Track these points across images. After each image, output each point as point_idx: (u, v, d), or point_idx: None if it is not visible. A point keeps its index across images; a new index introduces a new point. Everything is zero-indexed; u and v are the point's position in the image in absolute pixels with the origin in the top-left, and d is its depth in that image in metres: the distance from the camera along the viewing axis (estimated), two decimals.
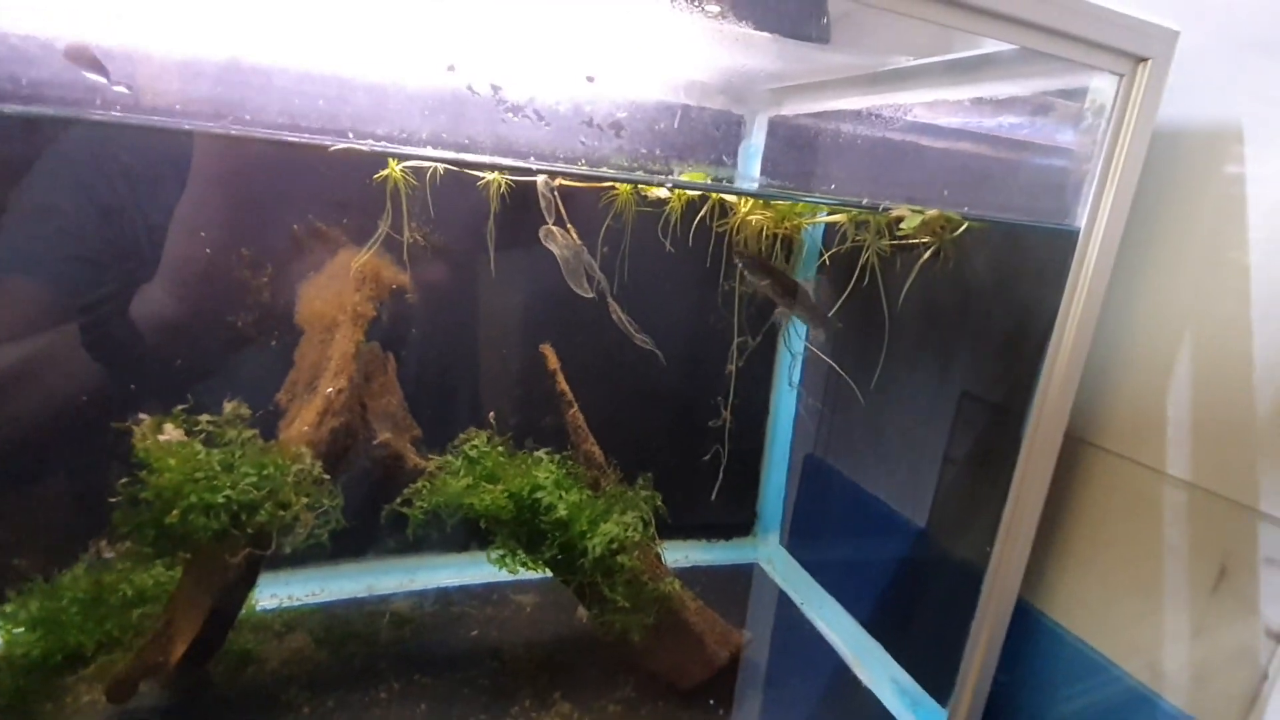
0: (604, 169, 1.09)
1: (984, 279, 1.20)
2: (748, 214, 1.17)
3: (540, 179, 1.34)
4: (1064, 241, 1.01)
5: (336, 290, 1.21)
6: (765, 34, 1.32)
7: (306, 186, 1.28)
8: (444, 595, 1.40)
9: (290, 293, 1.24)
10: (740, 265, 1.14)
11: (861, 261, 1.05)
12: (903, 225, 0.92)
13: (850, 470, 1.55)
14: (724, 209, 1.21)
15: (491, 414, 1.42)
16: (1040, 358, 1.04)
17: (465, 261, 1.35)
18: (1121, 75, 0.95)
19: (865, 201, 0.99)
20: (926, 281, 1.15)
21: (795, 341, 1.50)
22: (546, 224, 1.37)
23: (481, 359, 1.40)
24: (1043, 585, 1.16)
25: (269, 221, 1.27)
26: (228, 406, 1.05)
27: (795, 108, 1.60)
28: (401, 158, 1.12)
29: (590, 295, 1.40)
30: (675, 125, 1.48)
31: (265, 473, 1.02)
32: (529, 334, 1.38)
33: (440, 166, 1.24)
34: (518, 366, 1.38)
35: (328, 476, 1.07)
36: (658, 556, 1.19)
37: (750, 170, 1.62)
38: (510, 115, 1.16)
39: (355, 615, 1.31)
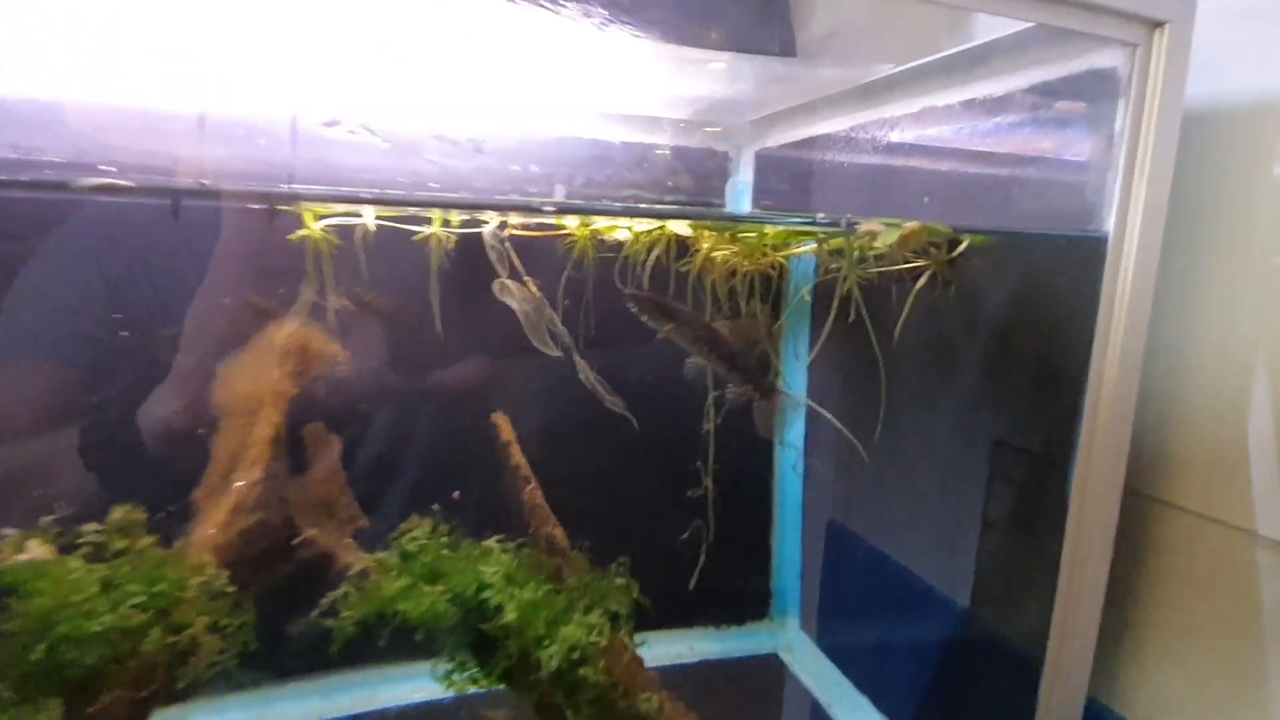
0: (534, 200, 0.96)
1: (998, 303, 1.01)
2: (711, 250, 1.01)
3: (487, 229, 1.22)
4: (1090, 251, 0.83)
5: (260, 368, 1.08)
6: (723, 53, 1.19)
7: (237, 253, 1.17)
8: (405, 714, 1.20)
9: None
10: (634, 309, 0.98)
11: (840, 294, 0.88)
12: (878, 244, 0.76)
13: (875, 537, 1.34)
14: (683, 246, 1.07)
15: (456, 494, 1.26)
16: (1078, 394, 0.84)
17: (409, 325, 1.22)
18: (1135, 45, 0.79)
19: (821, 218, 0.82)
20: (931, 312, 0.97)
21: (792, 390, 1.32)
22: (500, 277, 1.24)
23: (432, 433, 1.24)
24: (1118, 680, 0.93)
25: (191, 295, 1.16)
26: (116, 512, 0.91)
27: (780, 137, 1.47)
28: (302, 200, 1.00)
29: (556, 353, 1.25)
30: (649, 167, 1.36)
31: (156, 590, 0.86)
32: (484, 402, 1.23)
33: (371, 225, 1.13)
34: (472, 440, 1.22)
35: (232, 588, 0.91)
36: (636, 662, 0.99)
37: (740, 208, 1.48)
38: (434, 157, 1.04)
39: None
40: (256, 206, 1.09)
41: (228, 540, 0.94)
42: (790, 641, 1.39)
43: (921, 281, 0.85)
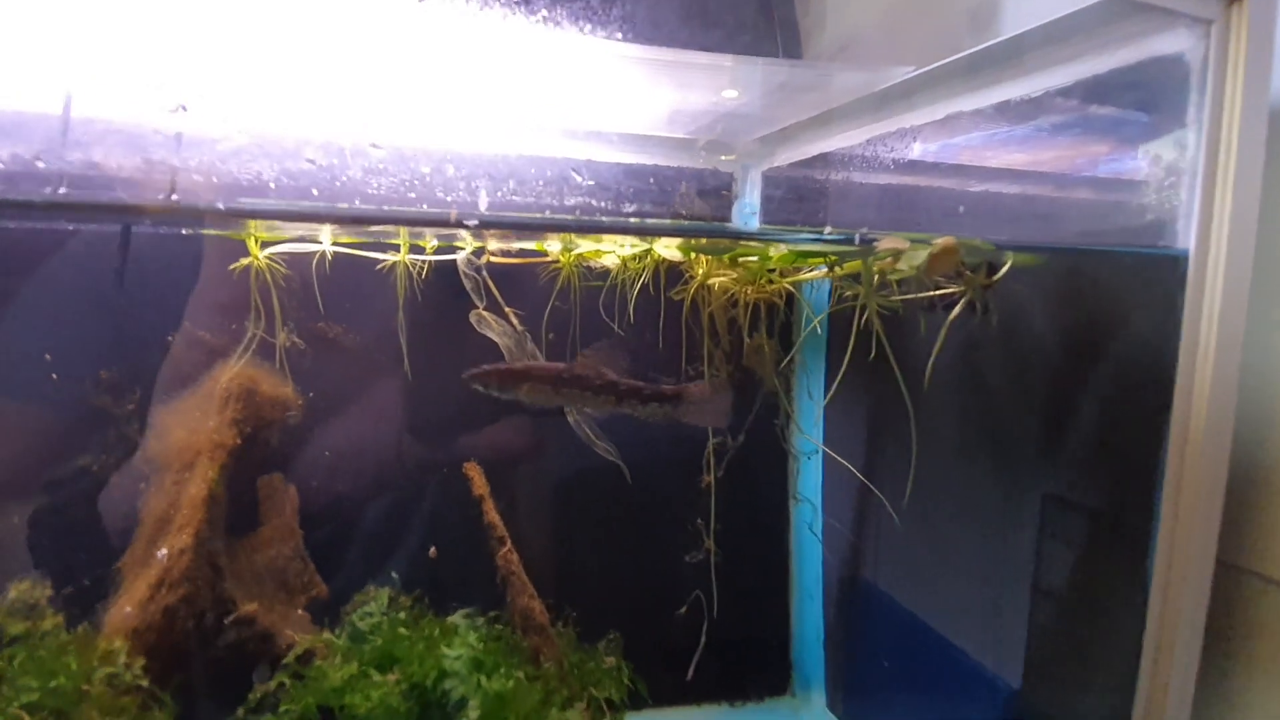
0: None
1: (1048, 334, 0.87)
2: (707, 276, 0.88)
3: (460, 256, 1.10)
4: (1164, 271, 0.69)
5: (199, 415, 0.96)
6: (725, 55, 1.07)
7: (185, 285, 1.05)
8: None
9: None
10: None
11: (857, 325, 0.74)
12: (901, 265, 0.62)
13: (908, 601, 1.17)
14: (678, 273, 0.94)
15: (434, 551, 1.12)
16: (1156, 442, 0.70)
17: (375, 362, 1.09)
18: (1208, 22, 0.65)
19: (829, 233, 0.69)
20: (967, 346, 0.83)
21: (799, 438, 1.17)
22: (477, 308, 1.11)
23: (395, 487, 1.10)
24: None
25: (137, 333, 1.04)
26: (15, 589, 0.78)
27: (790, 154, 1.35)
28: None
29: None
30: (648, 190, 1.24)
31: (53, 684, 0.73)
32: (457, 449, 1.09)
33: (328, 251, 1.01)
34: (444, 493, 1.08)
35: (146, 681, 0.77)
36: None
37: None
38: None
39: None
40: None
41: (146, 621, 0.80)
42: None
43: (956, 310, 0.71)
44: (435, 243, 1.06)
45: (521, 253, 1.12)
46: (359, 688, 0.80)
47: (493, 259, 1.11)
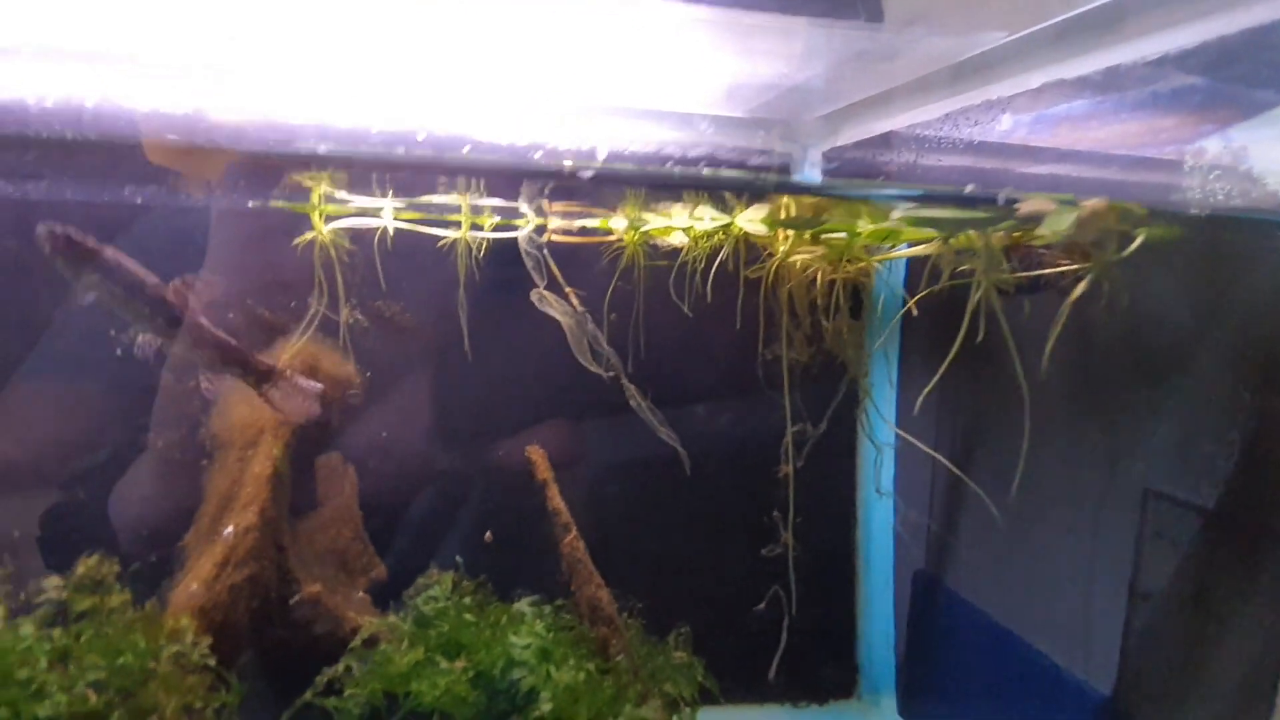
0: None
1: (1168, 315, 0.79)
2: (789, 254, 0.83)
3: (522, 234, 1.06)
4: None
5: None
6: (793, 20, 1.00)
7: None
8: None
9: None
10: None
11: (972, 305, 0.68)
12: (1043, 230, 0.57)
13: (986, 603, 1.10)
14: (754, 252, 0.89)
15: (489, 536, 1.09)
16: None
17: (433, 343, 1.06)
18: None
19: (970, 190, 0.63)
20: (1076, 328, 0.76)
21: (879, 427, 1.11)
22: (538, 287, 1.08)
23: (454, 469, 1.08)
24: None
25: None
26: (83, 565, 0.76)
27: (855, 132, 1.28)
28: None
29: (604, 373, 1.07)
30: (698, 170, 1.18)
31: (120, 663, 0.71)
32: (517, 432, 1.06)
33: (390, 227, 0.98)
34: (498, 477, 1.05)
35: (218, 660, 0.75)
36: None
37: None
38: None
39: None
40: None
41: (213, 599, 0.79)
42: None
43: (1082, 287, 0.64)
44: (495, 219, 1.03)
45: (583, 231, 1.08)
46: (426, 675, 0.77)
47: (554, 237, 1.08)
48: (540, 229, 1.05)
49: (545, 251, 1.07)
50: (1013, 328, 0.82)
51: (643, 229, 0.94)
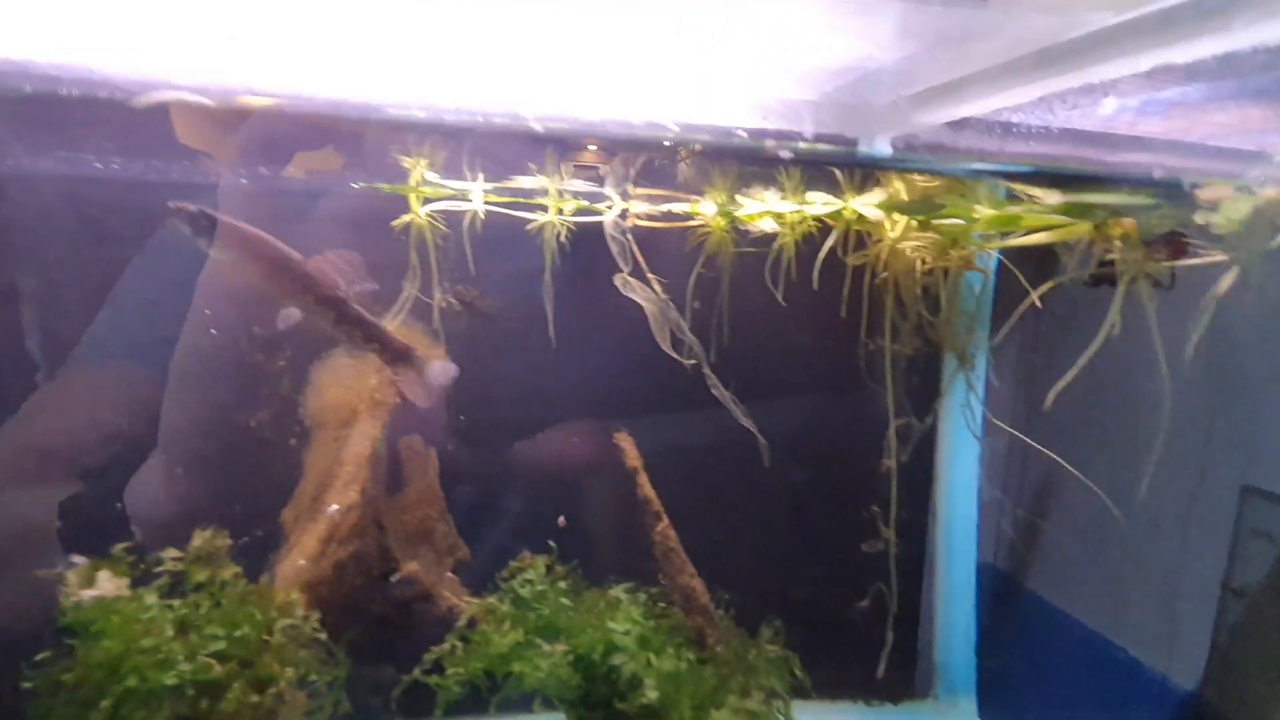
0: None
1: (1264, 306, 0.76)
2: (899, 240, 0.81)
3: (608, 219, 1.05)
4: None
5: (357, 373, 0.95)
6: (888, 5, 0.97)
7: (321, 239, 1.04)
8: None
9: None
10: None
11: (1119, 299, 0.65)
12: (1217, 217, 0.54)
13: (1070, 604, 1.08)
14: (861, 239, 0.87)
15: (563, 521, 1.09)
16: None
17: (517, 327, 1.06)
18: None
19: (1158, 176, 0.60)
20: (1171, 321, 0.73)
21: (972, 423, 1.07)
22: (622, 272, 1.07)
23: (541, 452, 1.08)
24: None
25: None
26: (199, 538, 0.78)
27: (933, 116, 1.24)
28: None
29: (686, 361, 1.06)
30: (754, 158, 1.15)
31: (238, 634, 0.73)
32: (601, 418, 1.06)
33: (480, 210, 0.98)
34: (587, 462, 1.05)
35: (325, 635, 0.77)
36: None
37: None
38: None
39: None
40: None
41: (319, 575, 0.80)
42: None
43: (1226, 283, 0.61)
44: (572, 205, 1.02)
45: (669, 215, 1.07)
46: (527, 656, 0.77)
47: (638, 222, 1.07)
48: (624, 213, 1.04)
49: (629, 236, 1.06)
50: (1096, 321, 0.80)
51: (737, 213, 0.92)
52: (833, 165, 0.89)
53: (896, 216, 0.78)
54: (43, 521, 0.89)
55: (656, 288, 1.07)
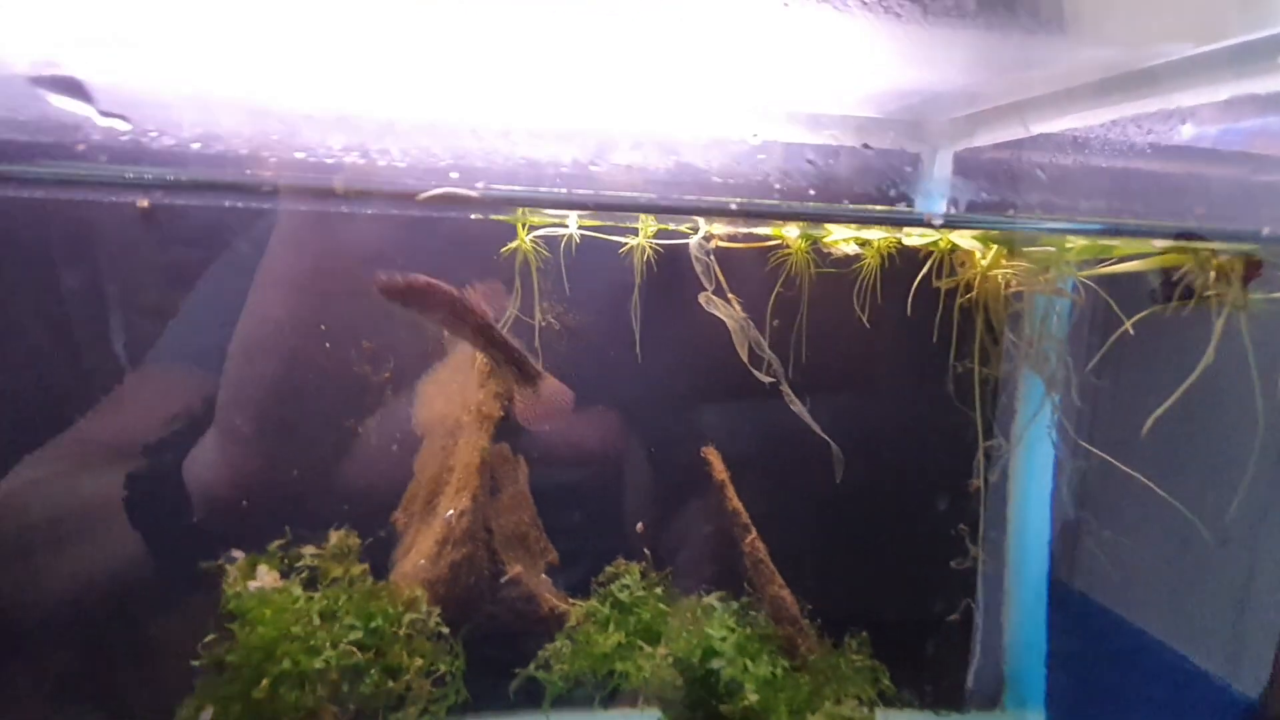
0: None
1: None
2: (991, 267, 0.83)
3: (694, 240, 1.11)
4: None
5: (459, 387, 1.02)
6: (969, 28, 0.99)
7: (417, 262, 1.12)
8: None
9: (408, 391, 1.07)
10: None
11: (1217, 335, 0.67)
12: None
13: (1139, 617, 1.09)
14: (937, 261, 0.89)
15: (640, 526, 1.15)
16: None
17: (605, 344, 1.12)
18: None
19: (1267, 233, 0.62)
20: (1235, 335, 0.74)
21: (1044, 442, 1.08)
22: (705, 291, 1.12)
23: (626, 464, 1.13)
24: None
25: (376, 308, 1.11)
26: (334, 536, 0.86)
27: (996, 134, 1.25)
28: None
29: (764, 378, 1.11)
30: (823, 169, 1.19)
31: (373, 625, 0.80)
32: (684, 432, 1.11)
33: (575, 234, 1.04)
34: (672, 475, 1.10)
35: (446, 629, 0.84)
36: None
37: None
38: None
39: None
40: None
41: (437, 574, 0.87)
42: None
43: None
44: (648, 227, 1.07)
45: (749, 237, 1.11)
46: (630, 657, 0.83)
47: (721, 244, 1.11)
48: (709, 236, 1.09)
49: (713, 257, 1.11)
50: (1158, 341, 0.80)
51: (826, 239, 0.96)
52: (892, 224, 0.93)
53: (989, 244, 0.81)
54: (111, 500, 0.95)
55: (737, 307, 1.12)
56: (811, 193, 0.85)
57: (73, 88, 0.54)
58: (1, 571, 0.96)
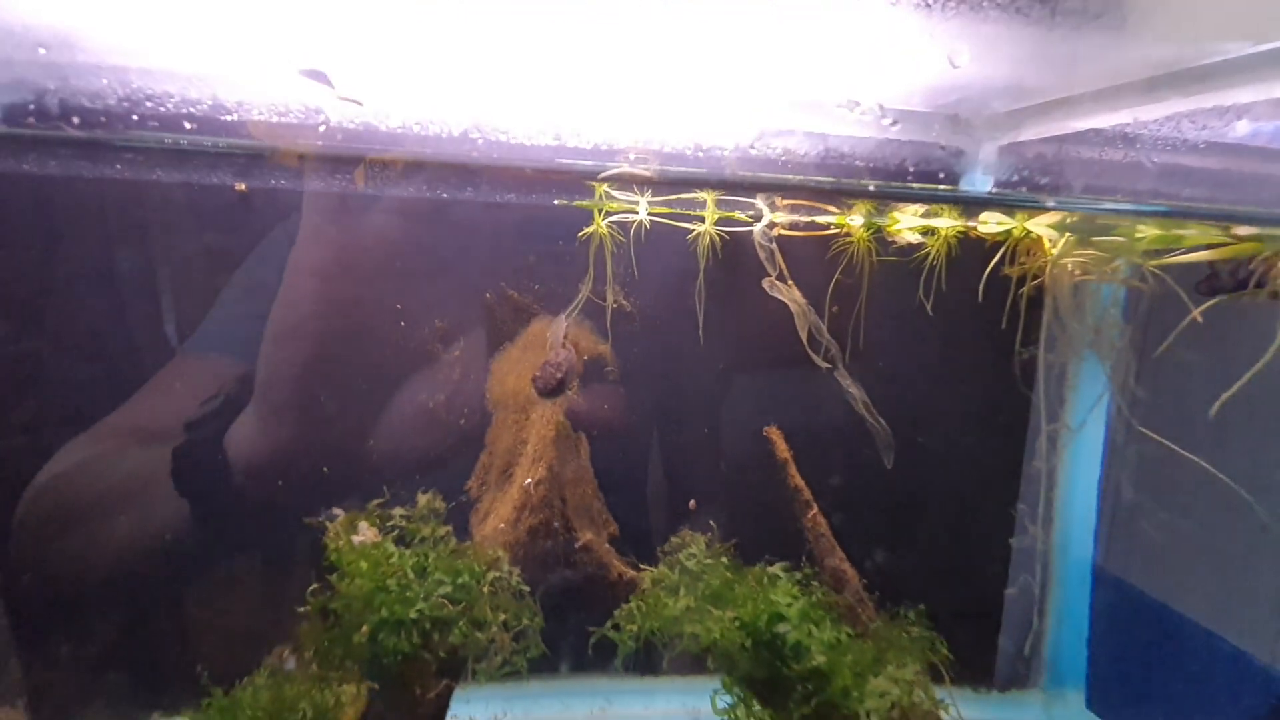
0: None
1: None
2: (1062, 256, 0.86)
3: (757, 228, 1.14)
4: None
5: (531, 365, 1.07)
6: (1032, 25, 1.01)
7: (479, 254, 1.17)
8: None
9: (479, 370, 1.12)
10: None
11: None
12: None
13: (1188, 604, 1.10)
14: (978, 249, 0.92)
15: (692, 503, 1.19)
16: None
17: (670, 327, 1.16)
18: None
19: None
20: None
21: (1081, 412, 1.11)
22: (769, 277, 1.16)
23: (687, 442, 1.18)
24: None
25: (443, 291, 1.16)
26: (422, 499, 0.92)
27: (1043, 129, 1.26)
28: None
29: (822, 363, 1.14)
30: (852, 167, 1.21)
31: (460, 581, 0.86)
32: (744, 413, 1.15)
33: (646, 220, 1.08)
34: (733, 453, 1.15)
35: (527, 588, 0.89)
36: None
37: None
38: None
39: None
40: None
41: (517, 538, 0.92)
42: None
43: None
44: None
45: (812, 225, 1.15)
46: (699, 620, 0.87)
47: (783, 232, 1.15)
48: (772, 224, 1.13)
49: (775, 244, 1.14)
50: (1203, 329, 0.82)
51: (893, 228, 1.00)
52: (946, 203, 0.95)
53: (1063, 232, 0.83)
54: (152, 476, 1.02)
55: (796, 292, 1.15)
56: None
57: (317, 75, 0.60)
58: (60, 544, 1.04)
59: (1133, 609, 1.17)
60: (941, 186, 0.96)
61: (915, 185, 0.96)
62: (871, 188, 0.82)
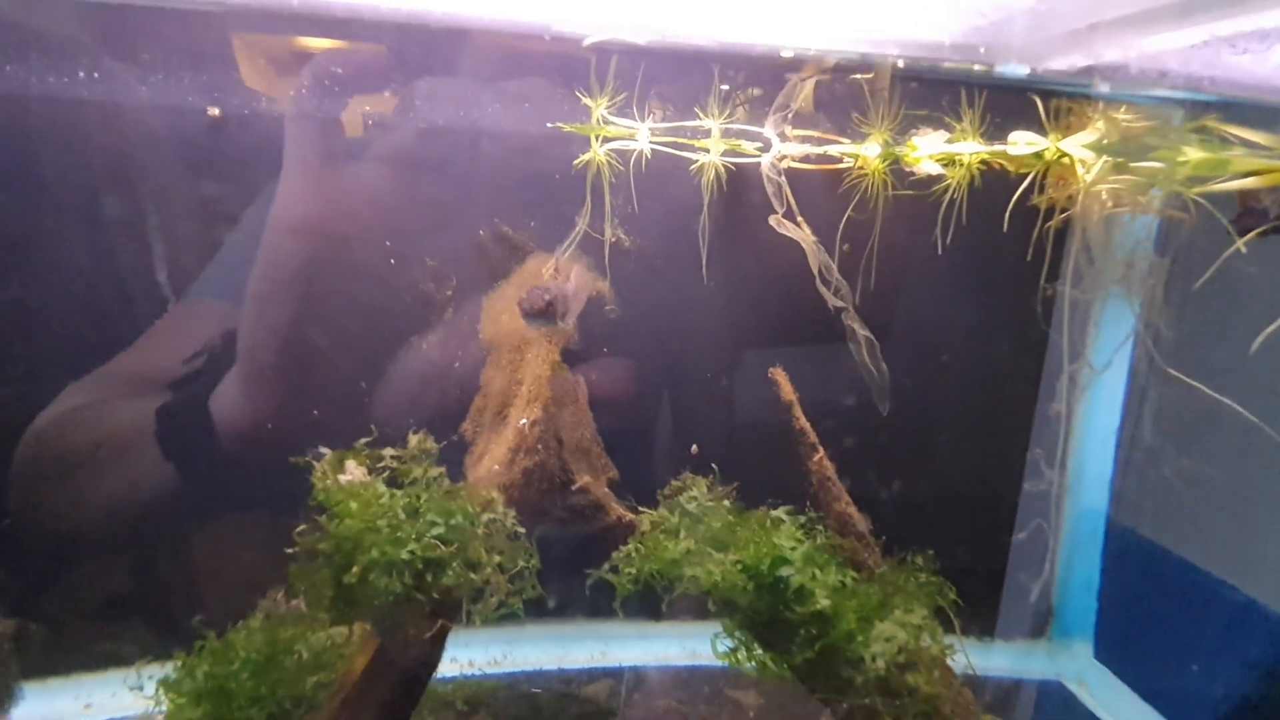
0: None
1: None
2: (1095, 183, 0.79)
3: (766, 160, 1.07)
4: None
5: None
6: None
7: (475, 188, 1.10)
8: (643, 679, 1.14)
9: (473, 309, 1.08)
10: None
11: None
12: None
13: (1199, 554, 1.08)
14: (1005, 182, 0.85)
15: (694, 448, 1.16)
16: None
17: (671, 264, 1.11)
18: None
19: None
20: None
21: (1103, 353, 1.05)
22: (775, 214, 1.09)
23: (688, 383, 1.14)
24: None
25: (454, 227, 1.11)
26: (413, 439, 0.88)
27: (1069, 59, 1.17)
28: None
29: (833, 302, 1.09)
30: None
31: (453, 522, 0.83)
32: (749, 354, 1.10)
33: (646, 149, 1.01)
34: (735, 395, 1.10)
35: (522, 530, 0.86)
36: (960, 683, 0.83)
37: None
38: None
39: (545, 698, 1.09)
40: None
41: (512, 479, 0.89)
42: (1080, 671, 1.17)
43: None
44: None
45: (824, 157, 1.08)
46: (698, 563, 0.84)
47: (794, 165, 1.08)
48: (782, 156, 1.06)
49: (784, 178, 1.08)
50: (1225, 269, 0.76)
51: (913, 154, 0.93)
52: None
53: (1092, 158, 0.77)
54: (143, 427, 1.01)
55: (806, 229, 1.09)
56: None
57: None
58: (57, 491, 1.02)
59: (1145, 558, 1.15)
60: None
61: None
62: (901, 64, 0.74)
